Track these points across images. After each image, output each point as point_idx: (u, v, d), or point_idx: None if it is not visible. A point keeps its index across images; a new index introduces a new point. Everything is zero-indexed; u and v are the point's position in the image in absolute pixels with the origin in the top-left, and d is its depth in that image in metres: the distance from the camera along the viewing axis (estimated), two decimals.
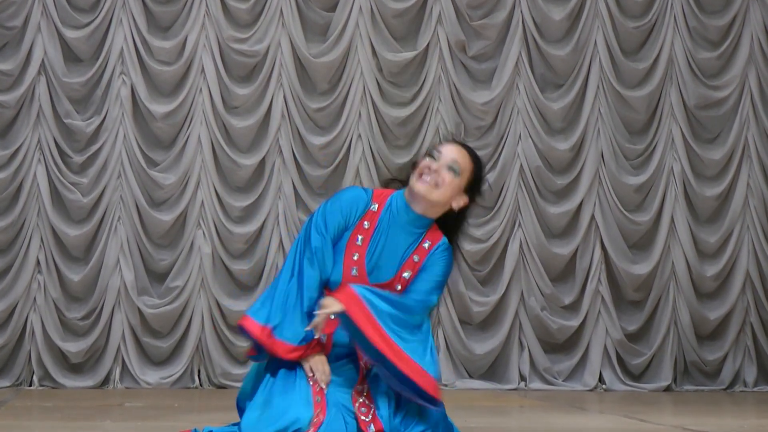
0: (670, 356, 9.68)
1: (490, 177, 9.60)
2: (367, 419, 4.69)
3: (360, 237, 4.80)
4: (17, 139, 9.32)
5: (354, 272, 4.77)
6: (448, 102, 9.50)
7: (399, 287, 4.77)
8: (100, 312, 9.32)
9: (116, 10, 9.37)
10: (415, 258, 4.80)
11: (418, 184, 4.70)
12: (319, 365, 4.68)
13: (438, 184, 4.69)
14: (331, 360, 4.75)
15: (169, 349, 9.39)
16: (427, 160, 4.72)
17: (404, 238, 4.80)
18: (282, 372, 4.70)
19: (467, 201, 4.79)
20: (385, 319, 4.65)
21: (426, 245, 4.81)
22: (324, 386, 4.64)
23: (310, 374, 4.66)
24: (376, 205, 4.82)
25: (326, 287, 4.75)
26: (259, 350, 4.69)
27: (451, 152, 4.75)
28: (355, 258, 4.77)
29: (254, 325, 4.64)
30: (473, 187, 4.82)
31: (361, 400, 4.71)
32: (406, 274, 4.79)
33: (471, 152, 4.83)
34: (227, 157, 9.44)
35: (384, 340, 4.62)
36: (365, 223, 4.80)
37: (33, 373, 9.25)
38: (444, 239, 4.84)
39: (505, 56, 9.68)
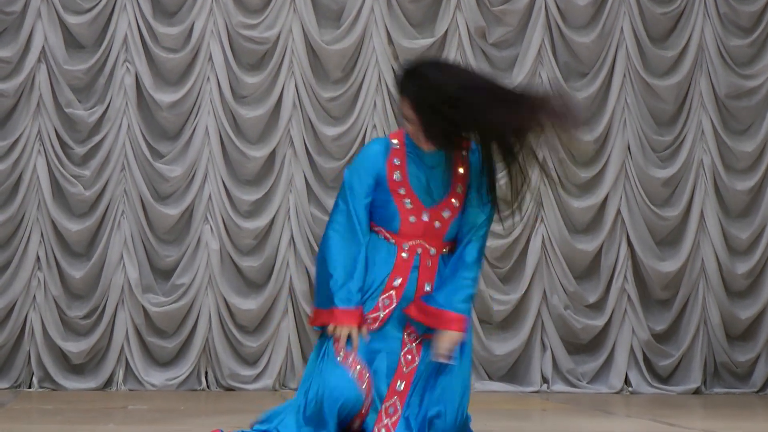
0: (700, 357, 9.80)
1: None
2: (406, 370, 5.05)
3: (397, 173, 5.06)
4: (16, 129, 9.42)
5: (408, 204, 5.04)
6: None
7: (456, 202, 5.05)
8: (102, 310, 9.40)
9: None
10: (460, 170, 5.07)
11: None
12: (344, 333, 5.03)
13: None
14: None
15: (175, 350, 9.47)
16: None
17: (437, 156, 5.05)
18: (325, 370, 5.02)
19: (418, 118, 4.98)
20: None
21: (463, 153, 5.09)
22: (342, 347, 4.98)
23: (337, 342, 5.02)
24: (396, 141, 5.12)
25: (392, 233, 5.09)
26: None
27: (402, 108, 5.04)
28: (402, 192, 5.05)
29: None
30: (421, 104, 4.96)
31: (408, 347, 5.05)
32: (459, 189, 5.05)
33: (403, 89, 5.01)
34: (236, 149, 9.53)
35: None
36: (395, 160, 5.08)
37: (32, 374, 9.35)
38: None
39: (527, 43, 9.77)
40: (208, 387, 9.43)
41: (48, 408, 8.03)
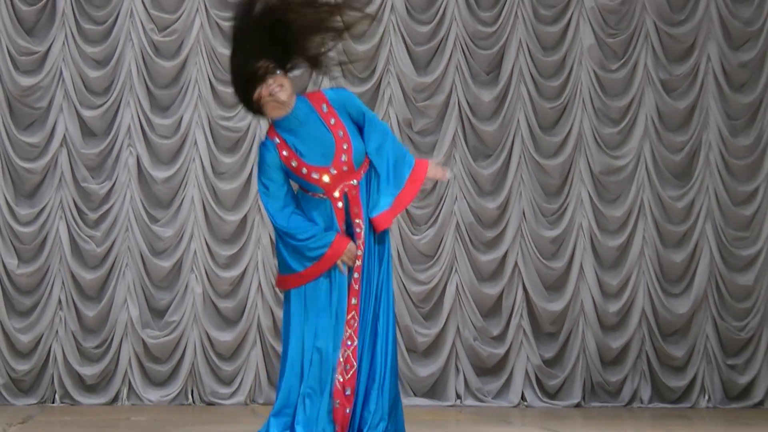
0: (580, 378, 9.98)
1: (431, 231, 9.91)
2: (356, 287, 5.03)
3: (293, 161, 5.04)
4: (43, 199, 9.64)
5: (315, 175, 5.02)
6: None
7: (345, 146, 5.04)
8: (110, 342, 9.61)
9: (125, 94, 9.69)
10: (332, 121, 5.06)
11: (272, 112, 4.93)
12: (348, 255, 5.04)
13: (278, 97, 4.90)
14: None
15: (168, 373, 9.69)
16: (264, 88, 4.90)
17: (313, 123, 5.00)
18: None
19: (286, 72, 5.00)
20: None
21: (324, 108, 5.05)
22: (345, 268, 5.00)
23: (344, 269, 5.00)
24: (276, 138, 5.08)
25: (320, 193, 5.03)
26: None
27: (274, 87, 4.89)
28: (305, 171, 5.03)
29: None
30: (286, 56, 4.96)
31: (356, 264, 5.10)
32: (340, 133, 5.04)
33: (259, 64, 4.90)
34: (215, 214, 9.75)
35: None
36: (284, 152, 5.07)
37: (55, 392, 9.58)
38: (324, 91, 5.15)
39: (444, 131, 9.99)
40: (193, 402, 9.65)
41: (67, 419, 8.31)
